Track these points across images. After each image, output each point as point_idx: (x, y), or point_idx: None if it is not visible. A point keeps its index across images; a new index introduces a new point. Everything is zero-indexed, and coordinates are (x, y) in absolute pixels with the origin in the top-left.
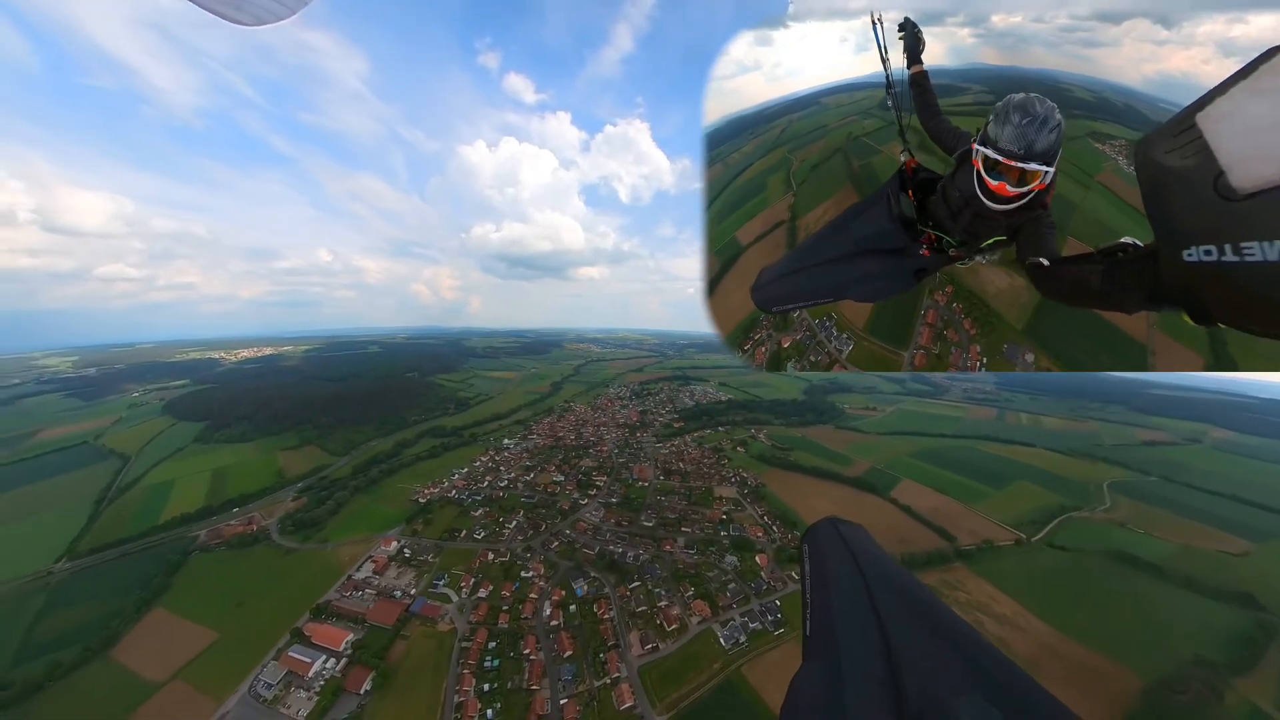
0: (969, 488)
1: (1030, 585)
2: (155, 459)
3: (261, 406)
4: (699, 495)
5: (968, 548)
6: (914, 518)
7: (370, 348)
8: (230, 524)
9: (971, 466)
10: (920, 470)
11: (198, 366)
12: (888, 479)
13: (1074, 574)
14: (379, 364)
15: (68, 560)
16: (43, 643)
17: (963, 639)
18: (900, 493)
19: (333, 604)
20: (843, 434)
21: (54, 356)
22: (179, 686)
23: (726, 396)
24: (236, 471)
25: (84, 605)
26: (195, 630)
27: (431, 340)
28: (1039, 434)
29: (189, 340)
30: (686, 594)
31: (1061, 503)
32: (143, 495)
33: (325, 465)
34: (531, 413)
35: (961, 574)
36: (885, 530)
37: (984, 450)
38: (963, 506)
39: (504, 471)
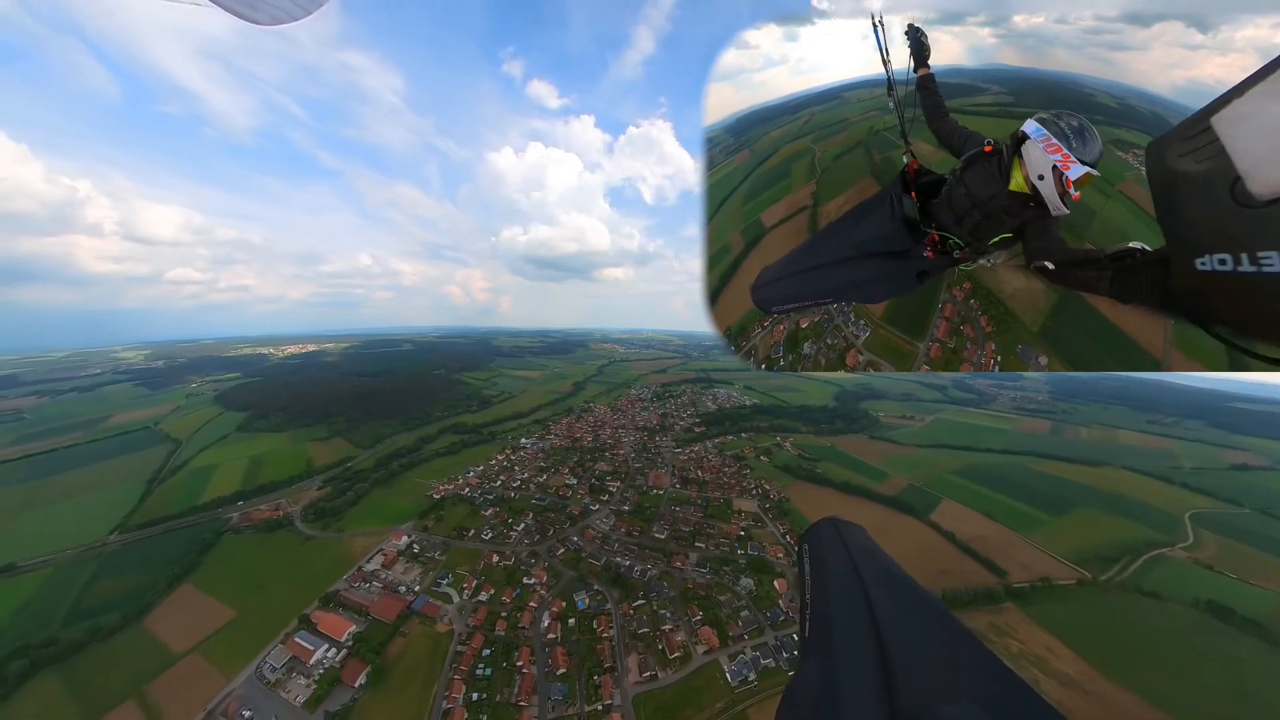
0: (1022, 513)
1: (1098, 637)
2: (202, 445)
3: (298, 399)
4: (716, 507)
5: (1020, 585)
6: (957, 546)
7: (404, 346)
8: (260, 509)
9: (1025, 488)
10: (964, 490)
11: (248, 361)
12: (927, 499)
13: (1153, 626)
14: (410, 361)
15: (120, 533)
16: (89, 607)
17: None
18: (942, 515)
19: (340, 594)
20: (877, 445)
21: (130, 350)
22: (196, 660)
23: (751, 401)
24: (271, 459)
25: (127, 576)
26: (217, 608)
27: (461, 339)
28: (1104, 452)
29: (244, 337)
30: (694, 618)
31: (1135, 536)
32: (188, 477)
33: (350, 457)
34: (551, 412)
35: (1012, 616)
36: (922, 559)
37: (1039, 469)
38: (1015, 535)
39: (518, 471)
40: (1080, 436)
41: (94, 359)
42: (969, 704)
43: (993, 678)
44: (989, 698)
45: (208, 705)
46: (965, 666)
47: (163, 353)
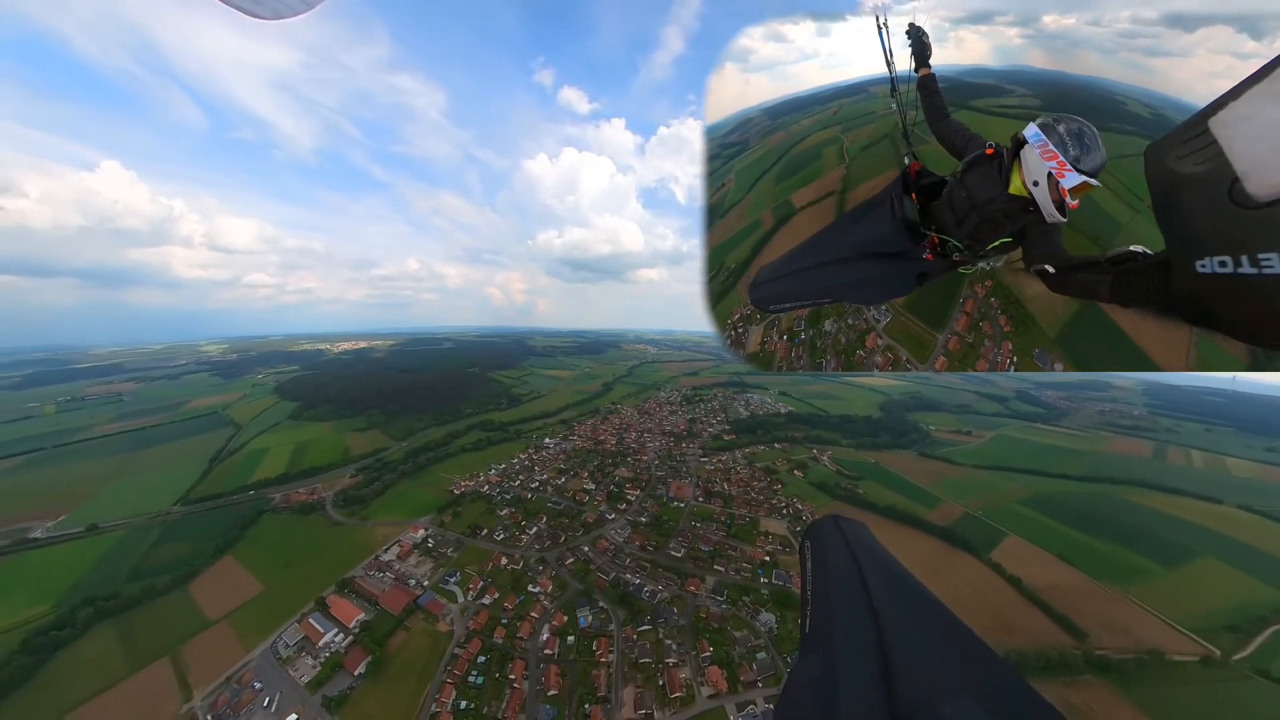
0: (1116, 559)
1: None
2: (258, 430)
3: (344, 392)
4: (741, 526)
5: (1107, 652)
6: (1023, 594)
7: (445, 344)
8: (298, 491)
9: (1119, 527)
10: (1034, 524)
11: (308, 356)
12: (987, 533)
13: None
14: (448, 359)
15: (181, 505)
16: (148, 568)
17: (960, 640)
18: (1005, 555)
19: (356, 580)
20: (928, 464)
21: (211, 344)
22: (224, 628)
23: (786, 408)
24: (313, 446)
25: (181, 543)
26: (250, 581)
27: (499, 339)
28: (1227, 485)
29: (307, 334)
30: (703, 655)
31: (1261, 598)
32: (242, 459)
33: (384, 448)
34: (577, 413)
35: (1096, 693)
36: (981, 607)
37: (1136, 502)
38: (1103, 588)
39: (537, 472)
40: (1193, 463)
41: (182, 351)
42: (969, 702)
43: (993, 675)
44: (989, 695)
45: (225, 672)
46: (966, 664)
47: (237, 347)
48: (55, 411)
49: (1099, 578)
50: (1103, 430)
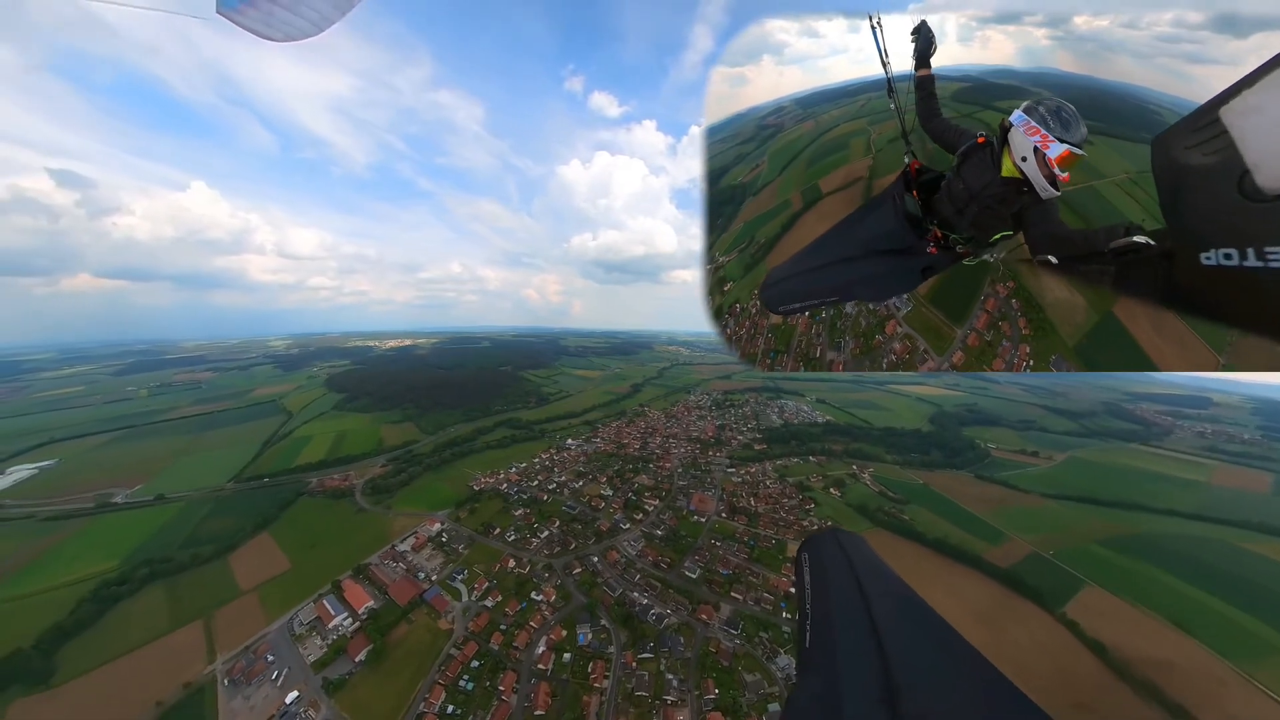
0: (1234, 625)
1: None
2: (306, 418)
3: (385, 385)
4: (766, 550)
5: None
6: (1110, 667)
7: (483, 343)
8: (333, 477)
9: (1236, 582)
10: (1122, 573)
11: (359, 352)
12: (1060, 580)
13: None
14: (484, 357)
15: (234, 482)
16: (198, 537)
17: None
18: (1084, 610)
19: (371, 567)
20: (986, 489)
21: (278, 340)
22: (251, 599)
23: (824, 417)
24: (351, 435)
25: (229, 517)
26: (280, 558)
27: (534, 339)
28: None
29: (361, 331)
30: (706, 696)
31: None
32: (289, 444)
33: (414, 441)
34: (603, 414)
35: None
36: (1050, 675)
37: (1252, 551)
38: (1218, 660)
39: (556, 473)
40: None
41: (253, 346)
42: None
43: (995, 693)
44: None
45: (246, 641)
46: (968, 681)
47: (300, 343)
48: (148, 395)
49: (1214, 647)
50: (1205, 457)
